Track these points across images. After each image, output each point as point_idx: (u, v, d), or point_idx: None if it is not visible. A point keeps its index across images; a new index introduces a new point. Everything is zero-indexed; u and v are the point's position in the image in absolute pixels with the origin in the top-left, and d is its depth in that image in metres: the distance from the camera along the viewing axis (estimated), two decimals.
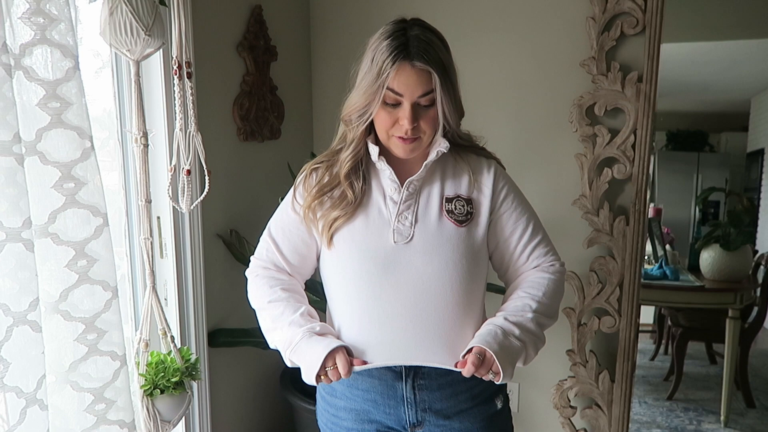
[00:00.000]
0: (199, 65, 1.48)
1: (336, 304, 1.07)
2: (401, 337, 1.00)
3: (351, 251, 1.02)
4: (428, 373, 1.03)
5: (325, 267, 1.09)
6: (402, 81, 0.94)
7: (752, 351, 3.14)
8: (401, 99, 0.95)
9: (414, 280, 0.99)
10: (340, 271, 1.05)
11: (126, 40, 1.09)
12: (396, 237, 1.01)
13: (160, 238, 1.47)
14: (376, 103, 0.96)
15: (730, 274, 2.88)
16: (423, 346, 0.99)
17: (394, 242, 1.00)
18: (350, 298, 1.03)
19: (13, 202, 0.95)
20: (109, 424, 1.16)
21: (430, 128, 0.99)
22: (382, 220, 1.02)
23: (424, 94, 0.95)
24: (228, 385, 1.73)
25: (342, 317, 1.05)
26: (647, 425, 2.86)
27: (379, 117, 0.98)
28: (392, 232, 1.01)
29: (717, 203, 5.67)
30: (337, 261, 1.04)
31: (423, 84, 0.94)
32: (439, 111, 0.98)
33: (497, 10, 1.89)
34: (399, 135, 0.98)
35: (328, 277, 1.09)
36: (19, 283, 0.97)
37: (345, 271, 1.04)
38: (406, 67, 0.93)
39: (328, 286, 1.09)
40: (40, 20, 0.98)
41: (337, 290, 1.07)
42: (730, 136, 6.16)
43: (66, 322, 1.07)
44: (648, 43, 1.68)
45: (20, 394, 0.98)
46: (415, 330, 0.99)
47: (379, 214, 1.03)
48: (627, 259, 1.77)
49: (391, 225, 1.01)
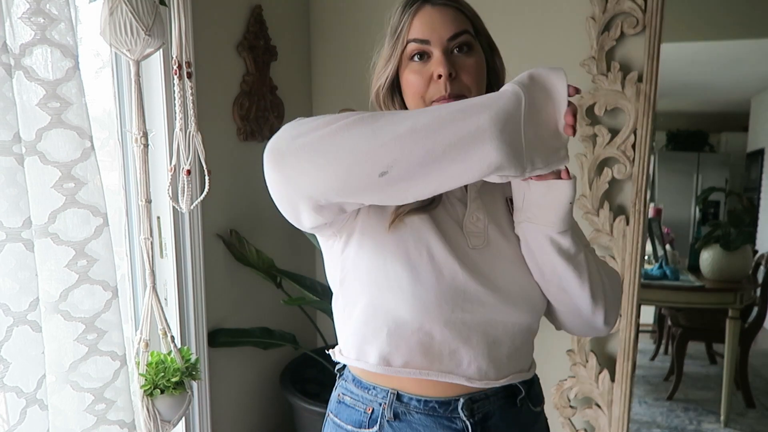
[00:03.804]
0: (199, 65, 1.48)
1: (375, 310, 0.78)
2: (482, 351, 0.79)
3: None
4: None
5: (373, 255, 0.78)
6: (425, 23, 0.76)
7: (752, 351, 3.14)
8: (429, 48, 0.76)
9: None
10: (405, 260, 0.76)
11: (126, 40, 1.09)
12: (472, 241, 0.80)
13: (160, 238, 1.47)
14: (396, 56, 0.78)
15: (730, 274, 2.88)
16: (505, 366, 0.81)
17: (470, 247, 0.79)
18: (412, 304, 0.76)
19: (13, 202, 0.95)
20: (109, 424, 1.16)
21: (474, 81, 0.77)
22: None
23: (456, 34, 0.76)
24: (228, 385, 1.73)
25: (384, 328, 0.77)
26: (647, 425, 2.86)
27: (407, 81, 0.78)
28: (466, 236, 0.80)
29: (717, 203, 5.69)
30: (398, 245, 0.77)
31: (451, 22, 0.76)
32: (481, 60, 0.79)
33: (497, 10, 1.89)
34: (438, 97, 0.75)
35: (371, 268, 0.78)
36: (19, 283, 0.97)
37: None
38: (426, 9, 0.77)
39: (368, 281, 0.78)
40: (40, 20, 0.98)
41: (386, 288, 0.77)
42: (730, 136, 6.17)
43: (66, 322, 1.07)
44: (648, 43, 1.68)
45: (20, 394, 0.98)
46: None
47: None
48: (627, 259, 1.77)
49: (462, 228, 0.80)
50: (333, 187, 0.66)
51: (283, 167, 0.68)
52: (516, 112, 0.63)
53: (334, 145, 0.65)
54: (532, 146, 0.64)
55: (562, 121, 0.67)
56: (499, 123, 0.62)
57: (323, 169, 0.65)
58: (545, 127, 0.66)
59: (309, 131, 0.66)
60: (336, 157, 0.65)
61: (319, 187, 0.67)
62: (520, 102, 0.63)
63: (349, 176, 0.65)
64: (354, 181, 0.65)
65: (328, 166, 0.65)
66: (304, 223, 0.74)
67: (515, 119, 0.63)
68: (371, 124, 0.64)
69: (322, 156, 0.65)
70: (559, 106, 0.66)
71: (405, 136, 0.62)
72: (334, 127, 0.65)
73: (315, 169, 0.66)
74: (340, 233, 0.81)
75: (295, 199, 0.70)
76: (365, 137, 0.64)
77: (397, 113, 0.66)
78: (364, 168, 0.64)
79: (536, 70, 0.66)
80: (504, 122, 0.62)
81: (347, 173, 0.65)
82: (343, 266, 0.82)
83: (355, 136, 0.64)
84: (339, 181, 0.65)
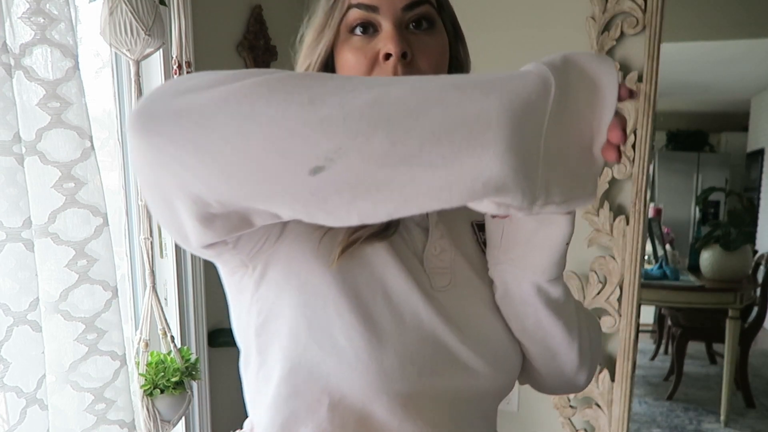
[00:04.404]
0: (199, 65, 1.48)
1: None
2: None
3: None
4: None
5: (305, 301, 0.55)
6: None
7: (752, 351, 3.14)
8: (376, 18, 0.56)
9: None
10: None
11: (126, 40, 1.09)
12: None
13: (160, 238, 1.47)
14: (331, 27, 0.58)
15: (730, 274, 2.89)
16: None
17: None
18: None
19: (13, 202, 0.95)
20: (109, 424, 1.16)
21: (434, 68, 0.57)
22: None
23: (414, 3, 0.56)
24: (228, 385, 1.72)
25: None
26: (647, 425, 2.86)
27: (344, 61, 0.58)
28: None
29: (717, 203, 5.69)
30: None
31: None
32: (445, 41, 0.60)
33: (497, 10, 1.89)
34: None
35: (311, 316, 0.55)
36: (19, 283, 0.97)
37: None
38: None
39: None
40: (40, 20, 0.98)
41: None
42: (730, 136, 6.17)
43: (66, 322, 1.07)
44: (648, 43, 1.69)
45: (20, 394, 0.98)
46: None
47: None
48: (627, 259, 1.77)
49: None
50: (231, 184, 0.41)
51: (153, 141, 0.42)
52: (540, 105, 0.40)
53: (239, 115, 0.39)
54: (551, 165, 0.41)
55: (603, 137, 0.44)
56: (512, 115, 0.38)
57: (217, 152, 0.40)
58: (576, 140, 0.43)
59: (200, 88, 0.41)
60: (239, 133, 0.39)
61: (209, 181, 0.41)
62: (548, 91, 0.40)
63: (260, 168, 0.39)
64: (267, 178, 0.40)
65: (224, 148, 0.39)
66: (189, 238, 0.48)
67: (537, 115, 0.40)
68: (307, 88, 0.40)
69: (216, 130, 0.39)
70: (602, 113, 0.43)
71: (362, 112, 0.38)
72: (241, 86, 0.40)
73: (202, 152, 0.40)
74: (252, 262, 0.56)
75: (170, 194, 0.44)
76: (294, 107, 0.39)
77: (352, 78, 0.42)
78: (287, 157, 0.38)
79: (574, 54, 0.44)
80: (520, 115, 0.38)
81: (257, 163, 0.39)
82: (258, 311, 0.57)
83: (276, 104, 0.39)
84: (241, 175, 0.40)
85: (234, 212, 0.44)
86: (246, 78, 0.41)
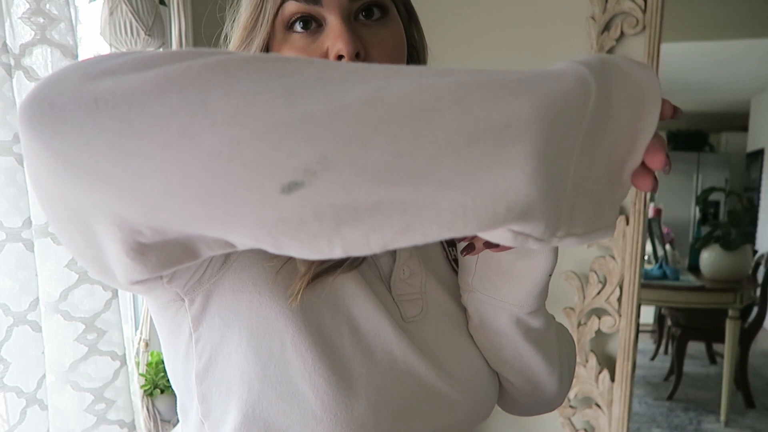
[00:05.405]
0: None
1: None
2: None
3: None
4: None
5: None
6: None
7: (752, 351, 3.15)
8: (319, 12, 0.47)
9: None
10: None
11: (126, 40, 1.10)
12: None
13: None
14: (264, 24, 0.49)
15: (730, 274, 2.89)
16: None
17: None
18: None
19: (13, 202, 0.95)
20: (109, 424, 1.16)
21: (388, 61, 0.49)
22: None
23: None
24: None
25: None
26: (647, 425, 2.86)
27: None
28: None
29: (717, 203, 5.69)
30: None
31: None
32: (401, 31, 0.51)
33: (496, 9, 1.89)
34: None
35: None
36: (19, 283, 0.97)
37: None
38: None
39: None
40: (40, 20, 0.98)
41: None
42: (730, 136, 6.18)
43: (66, 322, 1.07)
44: (648, 43, 1.69)
45: (20, 394, 0.98)
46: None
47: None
48: (627, 259, 1.78)
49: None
50: (170, 204, 0.29)
51: (54, 143, 0.31)
52: (576, 115, 0.32)
53: (183, 108, 0.28)
54: (579, 189, 0.34)
55: (637, 160, 0.36)
56: (547, 124, 0.30)
57: (150, 159, 0.28)
58: (607, 159, 0.35)
59: (123, 70, 0.30)
60: (183, 134, 0.28)
61: (139, 201, 0.30)
62: (587, 97, 0.33)
63: (213, 183, 0.28)
64: (222, 196, 0.28)
65: (160, 155, 0.28)
66: (113, 273, 0.36)
67: (572, 127, 0.32)
68: (279, 76, 0.30)
69: (148, 128, 0.28)
70: (642, 130, 0.36)
71: (357, 111, 0.29)
72: (184, 69, 0.29)
73: (129, 160, 0.29)
74: (190, 295, 0.46)
75: (83, 216, 0.33)
76: (262, 99, 0.29)
77: (339, 64, 0.32)
78: (251, 168, 0.28)
79: (613, 57, 0.36)
80: (555, 125, 0.30)
81: (209, 176, 0.28)
82: (200, 353, 0.47)
83: (237, 95, 0.28)
84: (186, 193, 0.29)
85: (173, 241, 0.33)
86: (190, 59, 0.30)
